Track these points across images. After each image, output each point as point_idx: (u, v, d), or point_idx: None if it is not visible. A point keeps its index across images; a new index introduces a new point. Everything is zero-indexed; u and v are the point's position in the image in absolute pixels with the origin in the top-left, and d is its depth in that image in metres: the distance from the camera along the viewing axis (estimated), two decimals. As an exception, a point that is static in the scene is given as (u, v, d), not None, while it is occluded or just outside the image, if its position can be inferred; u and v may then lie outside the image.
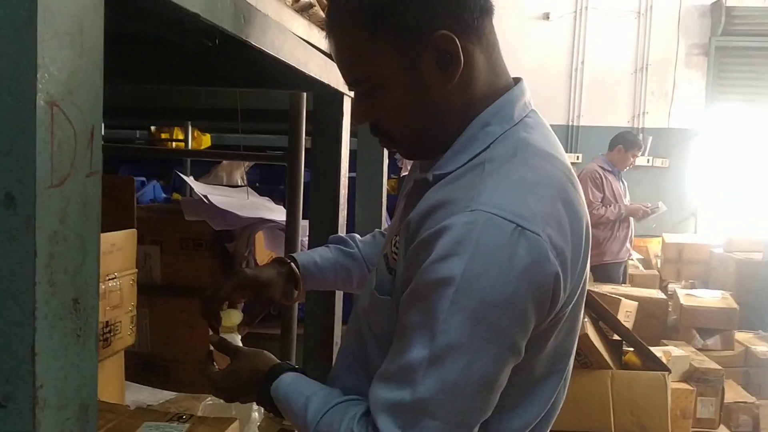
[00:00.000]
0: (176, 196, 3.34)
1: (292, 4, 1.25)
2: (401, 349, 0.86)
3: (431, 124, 0.95)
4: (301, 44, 1.26)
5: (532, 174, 0.90)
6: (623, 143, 4.92)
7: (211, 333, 1.18)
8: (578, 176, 4.34)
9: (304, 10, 1.32)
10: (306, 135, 1.89)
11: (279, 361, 1.08)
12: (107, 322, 1.50)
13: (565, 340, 0.97)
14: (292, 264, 1.25)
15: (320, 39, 1.43)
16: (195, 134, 4.65)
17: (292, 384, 1.00)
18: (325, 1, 1.44)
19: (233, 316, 1.19)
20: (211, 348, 1.16)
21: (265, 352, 1.11)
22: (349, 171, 1.86)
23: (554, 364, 0.97)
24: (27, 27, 0.53)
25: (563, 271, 0.86)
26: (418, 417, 0.83)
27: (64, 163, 0.58)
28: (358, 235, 1.39)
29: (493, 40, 0.96)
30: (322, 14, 1.39)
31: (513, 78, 1.01)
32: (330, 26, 0.95)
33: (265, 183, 3.94)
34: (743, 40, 7.16)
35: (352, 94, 1.67)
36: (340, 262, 1.31)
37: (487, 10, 0.93)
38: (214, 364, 1.15)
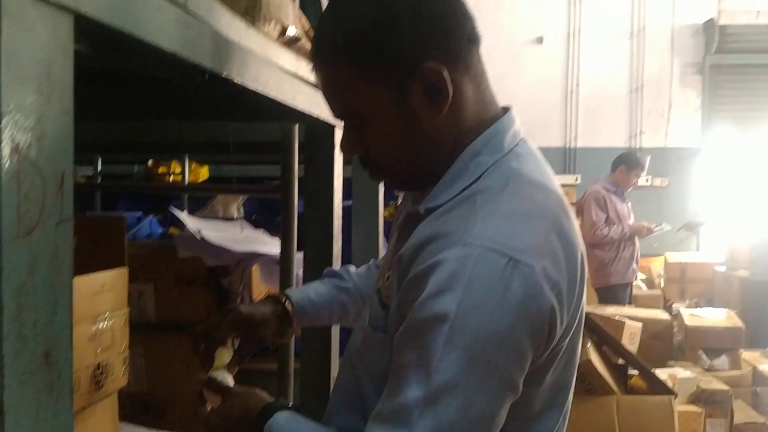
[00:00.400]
0: (173, 230, 3.33)
1: (278, 38, 1.24)
2: (396, 388, 0.83)
3: (421, 155, 0.93)
4: (288, 78, 1.25)
5: (524, 205, 0.88)
6: (626, 163, 4.92)
7: (201, 372, 1.15)
8: (583, 197, 4.36)
9: (291, 44, 1.31)
10: (300, 163, 1.88)
11: (271, 399, 1.05)
12: (99, 364, 1.46)
13: (563, 372, 0.94)
14: (286, 303, 1.23)
15: (308, 71, 1.42)
16: (192, 167, 4.65)
17: (285, 423, 0.97)
18: (312, 34, 1.43)
19: (224, 355, 1.16)
20: (203, 390, 1.13)
21: (258, 390, 1.08)
22: (345, 199, 1.85)
23: (554, 397, 0.94)
24: (-10, 73, 0.52)
25: (559, 303, 0.84)
26: None
27: (31, 213, 0.56)
28: (353, 267, 1.36)
29: (481, 70, 0.95)
30: (309, 46, 1.39)
31: (502, 107, 1.00)
32: (316, 60, 0.94)
33: (262, 214, 3.93)
34: (737, 58, 7.20)
35: (342, 125, 1.68)
36: (335, 297, 1.29)
37: (474, 41, 0.93)
38: (207, 404, 1.12)
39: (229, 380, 1.13)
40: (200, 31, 0.85)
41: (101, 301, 1.47)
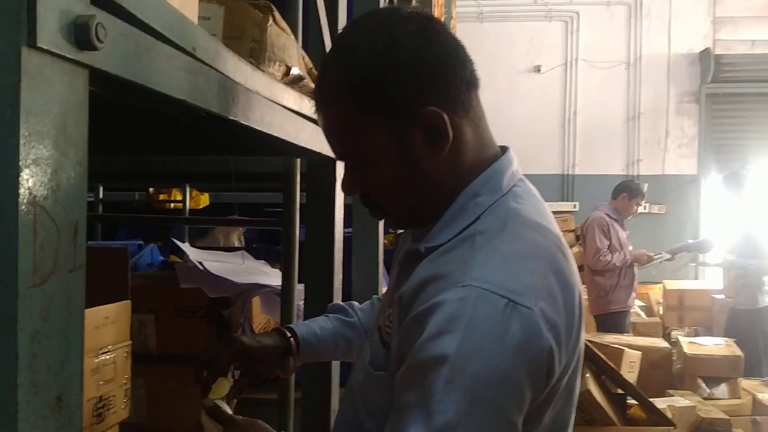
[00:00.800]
0: (174, 258, 3.34)
1: (282, 78, 1.27)
2: (397, 428, 0.84)
3: (421, 196, 0.95)
4: (292, 117, 1.28)
5: (523, 246, 0.89)
6: (627, 191, 4.95)
7: (205, 399, 1.15)
8: (586, 223, 4.37)
9: (294, 83, 1.34)
10: (301, 191, 1.90)
11: (274, 431, 1.06)
12: (101, 397, 1.48)
13: (562, 410, 0.95)
14: (292, 338, 1.24)
15: (311, 109, 1.45)
16: (193, 194, 4.68)
17: None
18: (315, 73, 1.46)
19: (223, 386, 1.17)
20: (202, 419, 1.13)
21: (259, 421, 1.09)
22: (346, 227, 1.86)
23: None
24: (9, 129, 0.54)
25: (557, 344, 0.85)
26: None
27: (46, 262, 0.58)
28: (357, 303, 1.37)
29: (480, 112, 0.97)
30: (312, 85, 1.42)
31: (500, 146, 1.02)
32: (319, 101, 0.97)
33: (263, 243, 3.94)
34: (732, 87, 7.28)
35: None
36: (341, 332, 1.30)
37: (472, 84, 0.95)
38: None
39: (228, 410, 1.14)
40: (208, 77, 0.88)
41: (104, 334, 1.49)
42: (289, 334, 1.24)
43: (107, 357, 1.50)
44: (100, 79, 0.66)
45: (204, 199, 4.92)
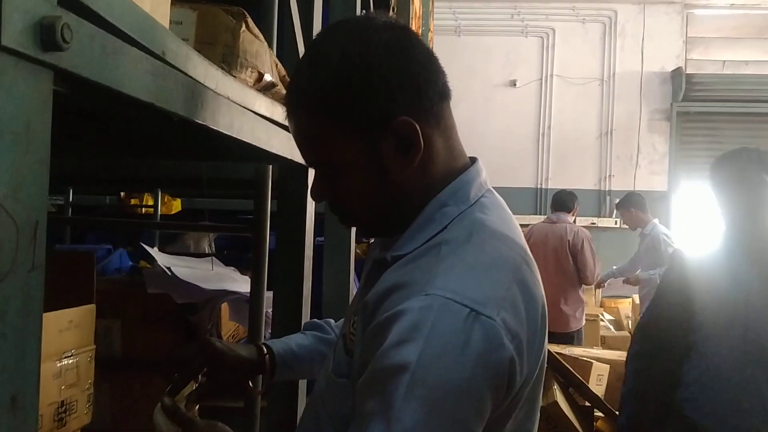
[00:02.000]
0: (144, 264, 3.31)
1: (254, 85, 1.27)
2: None
3: (391, 206, 0.96)
4: (263, 123, 1.28)
5: (487, 257, 0.90)
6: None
7: (165, 398, 1.12)
8: (575, 238, 4.41)
9: (266, 90, 1.34)
10: (273, 199, 1.90)
11: None
12: (63, 401, 1.46)
13: (524, 422, 0.95)
14: (267, 355, 1.22)
15: (283, 116, 1.45)
16: (165, 199, 4.63)
17: None
18: (288, 79, 1.47)
19: (185, 389, 1.15)
20: (155, 416, 1.09)
21: (221, 424, 1.08)
22: (318, 235, 1.86)
23: None
24: (-30, 128, 0.54)
25: (519, 354, 0.85)
26: None
27: (4, 261, 0.57)
28: (332, 320, 1.37)
29: (451, 123, 0.98)
30: (285, 93, 1.42)
31: (470, 157, 1.03)
32: (290, 109, 0.96)
33: (233, 250, 3.91)
34: (703, 106, 7.43)
35: (315, 167, 1.70)
36: (318, 349, 1.29)
37: (444, 95, 0.95)
38: None
39: (186, 413, 1.12)
40: (176, 80, 0.88)
41: (68, 337, 1.47)
42: (265, 351, 1.22)
43: (70, 361, 1.48)
44: (65, 79, 0.66)
45: (176, 205, 4.87)
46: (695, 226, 7.22)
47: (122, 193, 4.86)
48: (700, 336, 2.09)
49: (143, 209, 4.75)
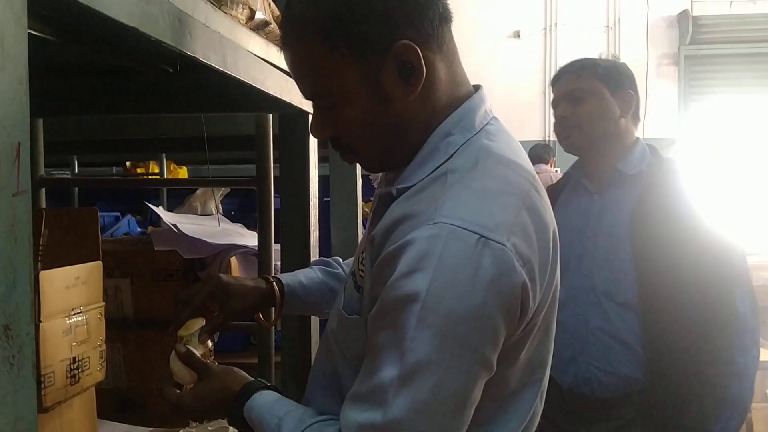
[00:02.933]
0: (151, 230, 3.30)
1: (246, 23, 1.23)
2: (371, 369, 0.83)
3: (394, 136, 0.93)
4: (257, 62, 1.25)
5: (495, 183, 0.88)
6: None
7: (178, 344, 1.10)
8: None
9: (259, 29, 1.30)
10: (275, 162, 1.87)
11: (251, 378, 1.03)
12: (74, 358, 1.45)
13: (539, 349, 0.94)
14: (275, 283, 1.21)
15: (279, 57, 1.41)
16: (171, 168, 4.61)
17: (265, 404, 0.96)
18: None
19: (196, 323, 1.12)
20: (170, 362, 1.08)
21: (236, 369, 1.06)
22: (324, 196, 1.84)
23: (529, 375, 0.94)
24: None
25: (531, 280, 0.84)
26: None
27: (-15, 183, 0.55)
28: (340, 258, 1.35)
29: (453, 48, 0.95)
30: (279, 32, 1.38)
31: (474, 85, 0.99)
32: (285, 39, 0.93)
33: (242, 211, 3.90)
34: (711, 48, 7.28)
35: (316, 112, 1.67)
36: (326, 282, 1.27)
37: (446, 18, 0.92)
38: (173, 380, 1.07)
39: (199, 350, 1.10)
40: (161, 6, 0.84)
41: (75, 294, 1.45)
42: (272, 282, 1.21)
43: (79, 318, 1.47)
44: (42, 5, 0.63)
45: (182, 173, 4.85)
46: (704, 174, 7.14)
47: (128, 163, 4.85)
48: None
49: (149, 178, 4.74)
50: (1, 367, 0.57)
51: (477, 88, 0.99)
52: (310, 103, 1.61)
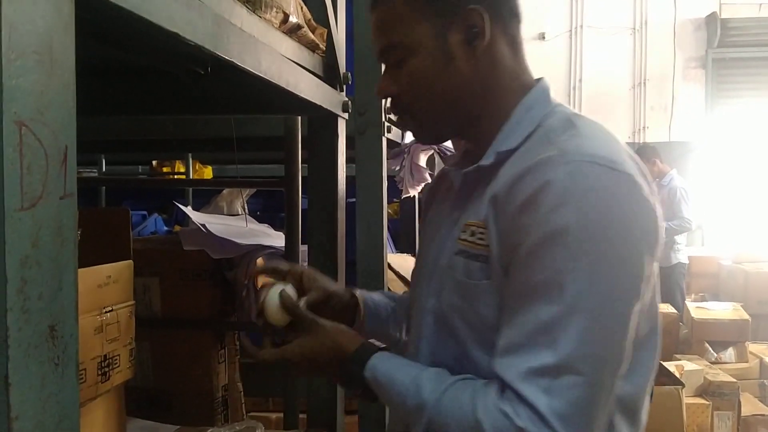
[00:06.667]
0: (178, 228, 3.33)
1: (279, 26, 1.24)
2: (526, 314, 0.83)
3: (451, 99, 0.97)
4: (290, 65, 1.25)
5: (600, 131, 0.92)
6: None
7: (285, 288, 1.07)
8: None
9: (292, 32, 1.31)
10: (303, 163, 1.88)
11: (363, 339, 1.01)
12: (105, 355, 1.46)
13: (653, 298, 0.93)
14: (355, 293, 1.20)
15: (311, 60, 1.42)
16: (197, 167, 4.65)
17: (392, 364, 0.95)
18: (314, 24, 1.43)
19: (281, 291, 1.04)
20: (266, 304, 1.04)
21: (345, 327, 1.04)
22: (349, 197, 1.84)
23: (650, 321, 0.93)
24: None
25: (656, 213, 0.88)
26: (562, 375, 0.80)
27: (34, 186, 0.56)
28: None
29: (520, 41, 1.01)
30: (311, 36, 1.39)
31: (536, 78, 1.04)
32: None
33: (266, 211, 3.93)
34: (740, 51, 7.18)
35: (345, 115, 1.67)
36: (387, 299, 1.26)
37: (517, 16, 1.00)
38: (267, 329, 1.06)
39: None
40: (201, 12, 0.85)
41: (107, 293, 1.47)
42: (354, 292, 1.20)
43: (111, 316, 1.49)
44: (87, 2, 0.64)
45: (207, 173, 4.89)
46: (734, 175, 7.05)
47: (154, 163, 4.91)
48: None
49: (175, 177, 4.79)
50: (47, 367, 0.57)
51: (539, 79, 1.04)
52: (340, 106, 1.63)
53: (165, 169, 4.88)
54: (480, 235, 0.92)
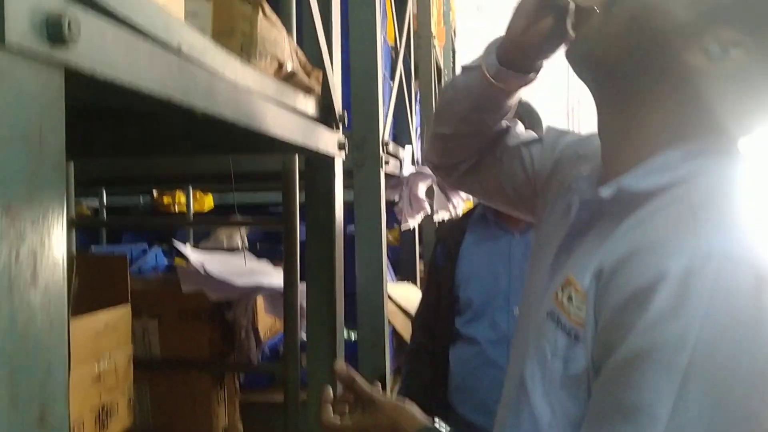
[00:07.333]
0: (179, 261, 3.32)
1: (275, 74, 1.24)
2: None
3: (630, 47, 0.78)
4: (285, 113, 1.25)
5: (755, 214, 0.71)
6: None
7: (338, 362, 1.03)
8: None
9: (288, 79, 1.31)
10: (301, 190, 1.87)
11: (423, 420, 0.94)
12: (103, 405, 1.45)
13: None
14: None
15: (306, 103, 1.42)
16: (197, 196, 4.65)
17: None
18: (310, 68, 1.43)
19: None
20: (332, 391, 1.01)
21: (406, 406, 0.96)
22: (349, 223, 1.83)
23: None
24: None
25: None
26: None
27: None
28: None
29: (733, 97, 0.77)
30: (306, 81, 1.39)
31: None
32: None
33: (266, 241, 3.92)
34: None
35: (342, 154, 1.67)
36: None
37: None
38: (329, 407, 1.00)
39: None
40: (194, 74, 0.85)
41: (104, 340, 1.46)
42: None
43: (108, 364, 1.48)
44: (76, 78, 0.63)
45: (208, 201, 4.90)
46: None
47: (155, 192, 4.91)
48: (464, 319, 1.91)
49: (176, 207, 4.79)
50: (36, 455, 0.56)
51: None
52: (336, 145, 1.63)
53: (166, 200, 4.89)
54: (578, 306, 0.74)
